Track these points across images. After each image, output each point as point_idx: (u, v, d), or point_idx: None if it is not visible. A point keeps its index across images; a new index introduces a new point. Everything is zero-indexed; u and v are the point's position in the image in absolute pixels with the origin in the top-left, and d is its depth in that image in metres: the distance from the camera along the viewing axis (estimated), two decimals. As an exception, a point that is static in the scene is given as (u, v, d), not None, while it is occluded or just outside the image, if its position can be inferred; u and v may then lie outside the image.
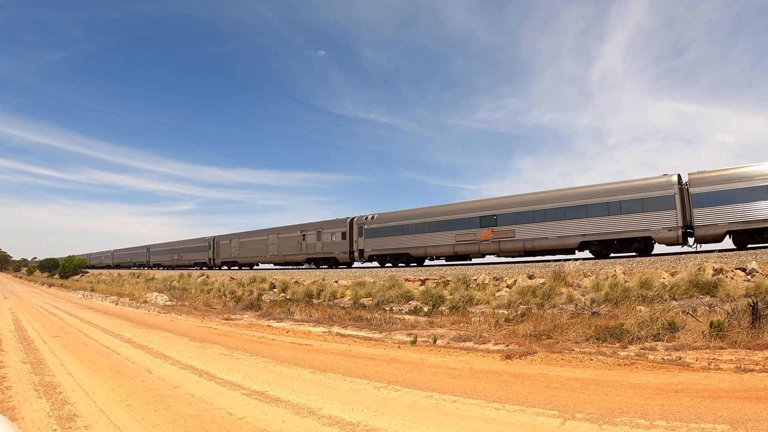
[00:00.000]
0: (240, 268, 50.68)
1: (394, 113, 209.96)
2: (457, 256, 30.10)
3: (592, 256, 24.51)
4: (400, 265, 33.43)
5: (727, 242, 21.37)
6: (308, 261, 41.21)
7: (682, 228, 21.57)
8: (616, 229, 23.32)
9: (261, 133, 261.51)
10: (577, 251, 25.16)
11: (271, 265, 47.33)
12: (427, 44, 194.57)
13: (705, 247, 22.00)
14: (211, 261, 55.70)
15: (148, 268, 70.89)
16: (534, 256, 26.94)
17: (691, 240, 22.13)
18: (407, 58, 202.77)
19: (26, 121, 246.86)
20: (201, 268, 56.30)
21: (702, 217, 20.99)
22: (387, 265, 34.42)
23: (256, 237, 47.91)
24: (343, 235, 37.96)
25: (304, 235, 41.46)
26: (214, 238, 55.57)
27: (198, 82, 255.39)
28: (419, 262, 33.37)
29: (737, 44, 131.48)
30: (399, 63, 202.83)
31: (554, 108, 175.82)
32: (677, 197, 21.69)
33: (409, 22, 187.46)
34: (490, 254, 28.41)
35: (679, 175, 22.02)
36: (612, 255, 24.01)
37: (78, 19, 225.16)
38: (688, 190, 21.54)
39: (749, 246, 20.65)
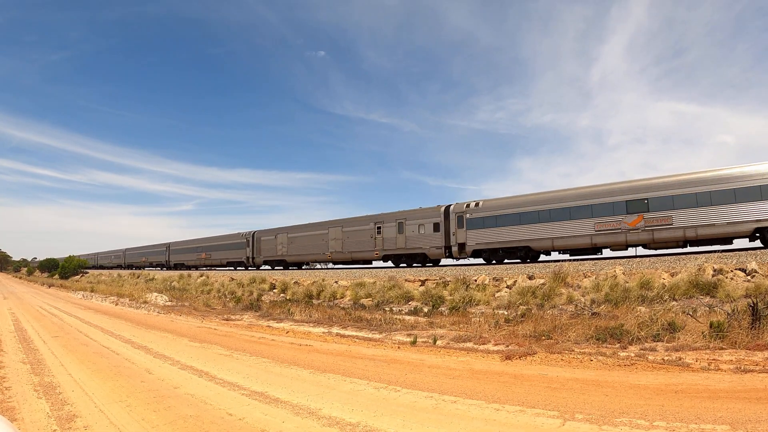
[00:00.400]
0: (287, 268, 44.87)
1: (394, 114, 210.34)
2: (594, 249, 25.63)
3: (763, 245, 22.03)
4: (514, 261, 28.34)
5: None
6: (385, 258, 35.37)
7: None
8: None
9: (261, 134, 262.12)
10: (749, 239, 22.21)
11: (329, 265, 41.83)
12: (427, 45, 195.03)
13: (705, 248, 22.03)
14: (250, 260, 50.19)
15: (167, 268, 67.46)
16: (697, 246, 23.38)
17: None
18: (407, 59, 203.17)
19: (27, 121, 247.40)
20: (235, 269, 52.34)
21: None
22: (493, 262, 29.22)
23: (312, 231, 41.95)
24: (436, 226, 31.58)
25: (379, 228, 35.35)
26: (253, 234, 50.04)
27: (198, 82, 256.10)
28: (534, 258, 27.91)
29: (737, 45, 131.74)
30: (399, 64, 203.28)
31: (554, 109, 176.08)
32: None
33: (409, 24, 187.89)
34: (640, 245, 24.34)
35: None
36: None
37: (79, 20, 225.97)
38: None
39: (745, 247, 20.67)
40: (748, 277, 16.75)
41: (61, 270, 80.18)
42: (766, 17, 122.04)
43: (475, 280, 23.06)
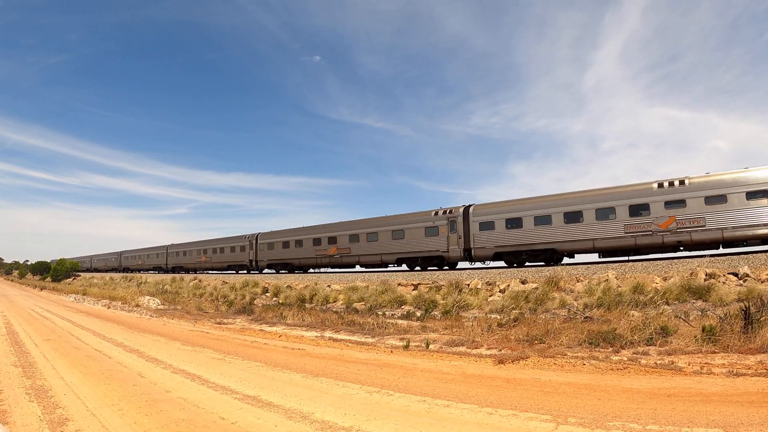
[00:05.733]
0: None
1: (389, 119, 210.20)
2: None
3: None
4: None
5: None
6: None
7: None
8: None
9: (257, 138, 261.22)
10: None
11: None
12: (422, 50, 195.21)
13: (697, 252, 22.15)
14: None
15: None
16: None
17: None
18: (403, 64, 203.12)
19: (23, 124, 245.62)
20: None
21: None
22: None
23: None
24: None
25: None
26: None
27: (195, 86, 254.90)
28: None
29: (731, 51, 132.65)
30: (395, 69, 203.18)
31: (548, 114, 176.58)
32: None
33: (405, 29, 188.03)
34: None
35: None
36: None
37: (78, 23, 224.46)
38: None
39: (738, 251, 20.80)
40: (741, 282, 16.85)
41: (53, 273, 79.73)
42: (760, 23, 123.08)
43: (468, 284, 23.08)
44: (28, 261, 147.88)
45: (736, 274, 17.35)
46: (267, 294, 32.67)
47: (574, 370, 10.93)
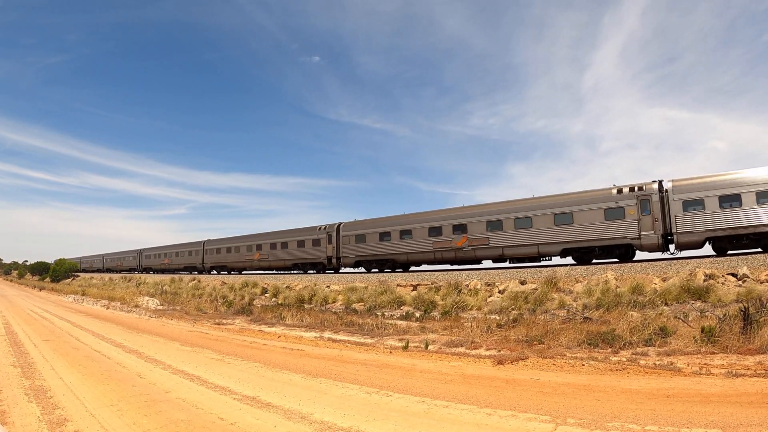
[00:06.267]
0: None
1: (388, 119, 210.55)
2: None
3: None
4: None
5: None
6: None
7: None
8: None
9: (255, 138, 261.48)
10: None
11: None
12: (421, 51, 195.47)
13: (696, 252, 22.20)
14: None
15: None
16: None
17: None
18: (402, 64, 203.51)
19: (22, 124, 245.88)
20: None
21: None
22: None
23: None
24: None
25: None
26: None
27: (193, 87, 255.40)
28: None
29: (730, 51, 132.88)
30: (393, 69, 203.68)
31: (547, 114, 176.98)
32: None
33: (404, 30, 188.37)
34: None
35: None
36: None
37: (77, 24, 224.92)
38: None
39: (729, 252, 20.89)
40: (740, 282, 16.85)
41: (52, 273, 79.66)
42: (759, 24, 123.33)
43: (467, 285, 23.08)
44: (27, 261, 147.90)
45: (735, 275, 17.36)
46: (266, 294, 32.63)
47: (573, 371, 10.93)
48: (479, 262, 29.53)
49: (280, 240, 42.62)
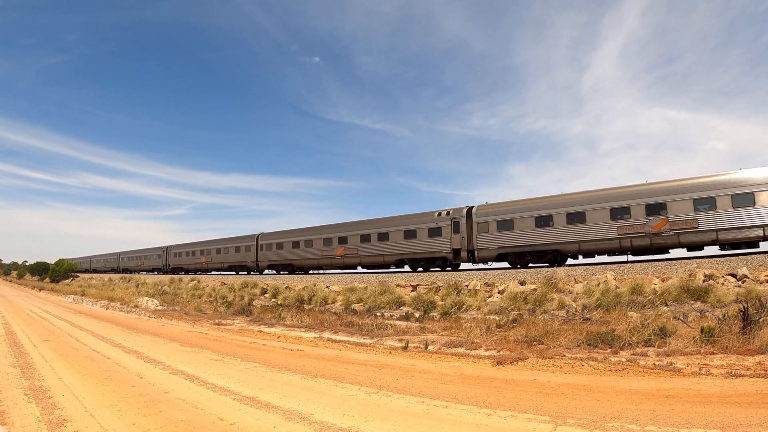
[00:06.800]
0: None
1: (387, 120, 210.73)
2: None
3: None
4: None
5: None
6: None
7: None
8: None
9: (255, 139, 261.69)
10: None
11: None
12: (421, 52, 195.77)
13: (696, 253, 22.17)
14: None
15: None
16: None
17: None
18: (401, 65, 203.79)
19: (22, 124, 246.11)
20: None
21: None
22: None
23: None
24: None
25: None
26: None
27: (193, 87, 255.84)
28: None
29: (730, 52, 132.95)
30: (393, 70, 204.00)
31: (547, 115, 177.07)
32: None
33: (403, 30, 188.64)
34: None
35: None
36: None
37: (77, 24, 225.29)
38: None
39: (736, 253, 20.81)
40: (739, 283, 16.86)
41: (52, 273, 79.61)
42: (759, 24, 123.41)
43: (467, 285, 23.08)
44: (26, 261, 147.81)
45: (734, 275, 17.36)
46: (266, 295, 32.63)
47: (572, 371, 10.93)
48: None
49: (376, 230, 34.22)
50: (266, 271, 44.70)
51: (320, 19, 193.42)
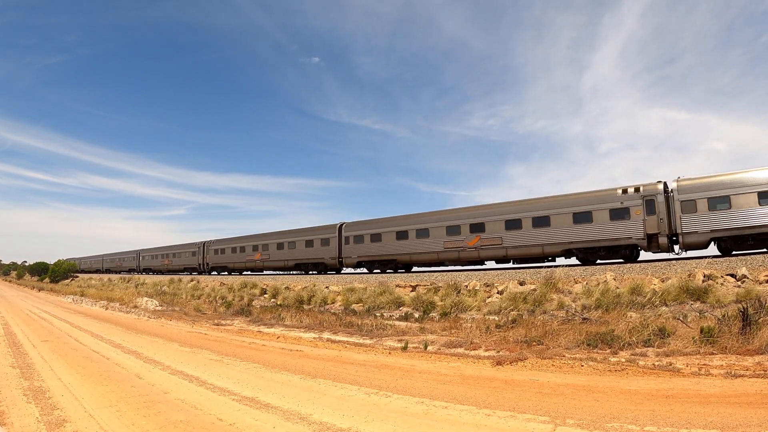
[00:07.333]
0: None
1: (387, 120, 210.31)
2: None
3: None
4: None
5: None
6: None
7: None
8: None
9: (254, 139, 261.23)
10: None
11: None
12: (420, 52, 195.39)
13: (695, 253, 22.17)
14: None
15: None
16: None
17: None
18: (401, 65, 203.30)
19: (22, 124, 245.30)
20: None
21: None
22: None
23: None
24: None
25: None
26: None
27: (193, 87, 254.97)
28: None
29: (729, 52, 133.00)
30: (393, 70, 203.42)
31: (546, 115, 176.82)
32: None
33: (402, 31, 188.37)
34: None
35: None
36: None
37: (76, 24, 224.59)
38: None
39: (736, 253, 20.82)
40: (739, 283, 16.85)
41: (51, 274, 79.59)
42: (758, 25, 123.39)
43: (466, 286, 23.07)
44: (26, 262, 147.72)
45: (734, 276, 17.36)
46: (265, 295, 32.61)
47: (572, 372, 10.94)
48: None
49: (531, 214, 26.26)
50: (351, 270, 36.00)
51: (320, 19, 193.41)
